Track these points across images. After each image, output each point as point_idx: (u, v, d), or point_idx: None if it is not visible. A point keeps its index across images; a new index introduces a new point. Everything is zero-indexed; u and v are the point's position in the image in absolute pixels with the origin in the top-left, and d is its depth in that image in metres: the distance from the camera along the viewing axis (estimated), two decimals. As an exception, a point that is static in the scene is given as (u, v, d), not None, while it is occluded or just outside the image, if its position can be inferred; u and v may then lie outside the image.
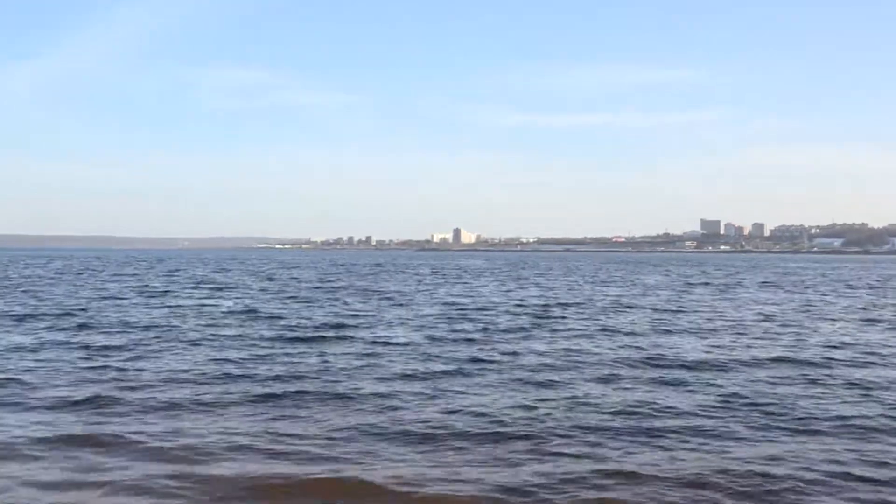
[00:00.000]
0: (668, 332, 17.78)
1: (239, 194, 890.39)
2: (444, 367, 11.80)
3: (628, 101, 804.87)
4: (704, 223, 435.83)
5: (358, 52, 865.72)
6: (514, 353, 13.52)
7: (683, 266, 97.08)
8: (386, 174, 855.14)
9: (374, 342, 13.20)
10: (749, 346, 15.53)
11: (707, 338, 15.84)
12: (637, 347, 16.09)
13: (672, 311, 21.68)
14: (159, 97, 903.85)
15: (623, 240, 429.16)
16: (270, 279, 38.82)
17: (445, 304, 21.88)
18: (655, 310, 22.06)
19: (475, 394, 10.13)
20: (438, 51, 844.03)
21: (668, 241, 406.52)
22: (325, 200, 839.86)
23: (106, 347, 14.22)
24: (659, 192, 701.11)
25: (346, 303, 21.62)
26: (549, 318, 18.96)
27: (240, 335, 15.60)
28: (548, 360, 13.15)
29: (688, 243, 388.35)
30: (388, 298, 20.95)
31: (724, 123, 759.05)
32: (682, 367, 12.59)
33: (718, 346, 15.30)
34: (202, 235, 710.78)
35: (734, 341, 15.89)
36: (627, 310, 25.27)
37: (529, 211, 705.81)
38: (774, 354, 15.15)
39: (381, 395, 9.63)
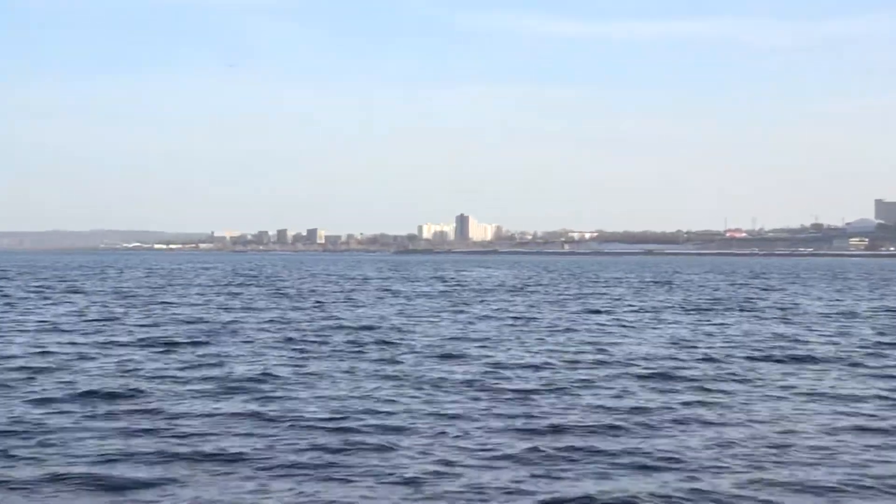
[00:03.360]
0: None
1: (94, 160, 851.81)
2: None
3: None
4: (882, 207, 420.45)
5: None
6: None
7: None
8: (343, 126, 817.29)
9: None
10: None
11: None
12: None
13: None
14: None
15: (744, 234, 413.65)
16: None
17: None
18: None
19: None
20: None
21: (820, 237, 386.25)
22: (239, 172, 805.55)
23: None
24: (802, 155, 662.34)
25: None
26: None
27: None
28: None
29: (853, 241, 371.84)
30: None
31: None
32: None
33: None
34: (33, 228, 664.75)
35: None
36: None
37: (583, 188, 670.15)
38: None
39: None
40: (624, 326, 38.35)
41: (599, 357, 27.35)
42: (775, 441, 16.51)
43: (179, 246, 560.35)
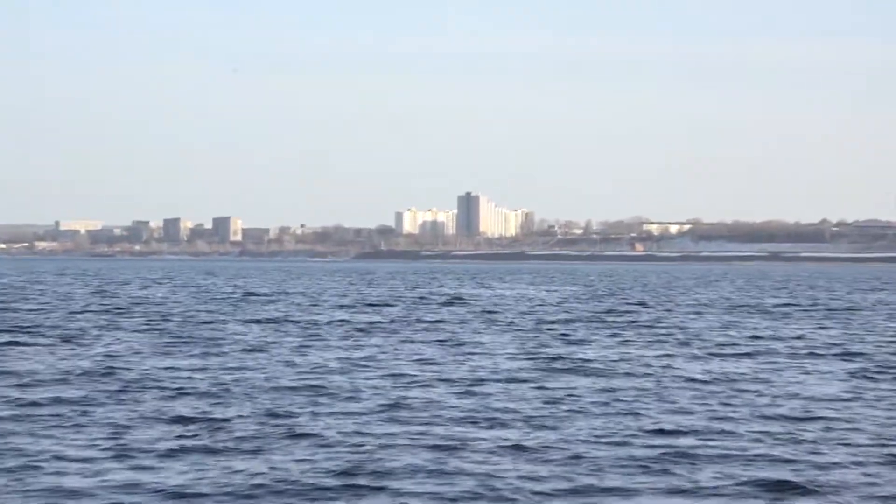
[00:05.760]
0: None
1: None
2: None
3: None
4: None
5: None
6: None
7: None
8: (275, 59, 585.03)
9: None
10: None
11: None
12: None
13: None
14: None
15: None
16: None
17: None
18: None
19: None
20: None
21: None
22: (105, 129, 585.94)
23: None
24: None
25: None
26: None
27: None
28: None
29: None
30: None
31: None
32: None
33: None
34: None
35: None
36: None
37: (666, 153, 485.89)
38: None
39: None
40: None
41: None
42: None
43: (2, 246, 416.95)
